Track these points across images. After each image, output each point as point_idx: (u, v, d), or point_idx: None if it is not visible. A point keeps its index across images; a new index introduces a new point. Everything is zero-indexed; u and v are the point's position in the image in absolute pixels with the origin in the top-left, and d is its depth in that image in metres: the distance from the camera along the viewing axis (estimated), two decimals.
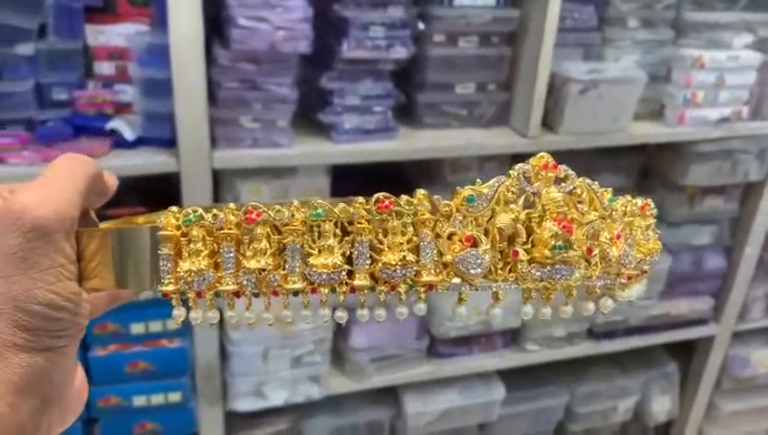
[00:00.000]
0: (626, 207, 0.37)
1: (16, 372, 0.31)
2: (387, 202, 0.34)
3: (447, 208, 0.34)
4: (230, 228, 0.34)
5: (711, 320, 1.71)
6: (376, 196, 0.34)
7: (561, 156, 1.30)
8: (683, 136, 1.40)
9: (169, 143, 1.13)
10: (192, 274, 0.34)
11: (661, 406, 1.81)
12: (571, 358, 1.61)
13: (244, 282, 0.34)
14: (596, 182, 0.36)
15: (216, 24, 1.12)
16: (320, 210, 0.33)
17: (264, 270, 0.33)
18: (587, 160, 1.43)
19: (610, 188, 0.37)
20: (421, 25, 1.20)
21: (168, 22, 1.02)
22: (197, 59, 1.05)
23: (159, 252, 0.34)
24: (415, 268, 0.34)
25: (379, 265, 0.34)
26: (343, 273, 0.34)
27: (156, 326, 1.23)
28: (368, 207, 0.34)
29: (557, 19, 1.18)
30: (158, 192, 1.19)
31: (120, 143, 1.13)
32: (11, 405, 0.31)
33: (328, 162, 1.21)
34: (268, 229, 0.34)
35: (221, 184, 1.19)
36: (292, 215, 0.34)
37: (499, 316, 0.36)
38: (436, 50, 1.22)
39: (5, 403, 0.31)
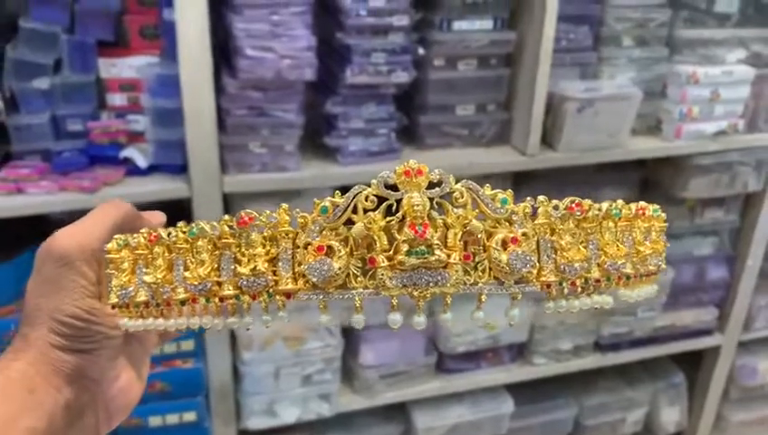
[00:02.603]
0: (527, 208, 0.36)
1: (56, 365, 0.40)
2: (246, 218, 0.36)
3: (303, 220, 0.35)
4: (142, 249, 0.39)
5: (716, 330, 1.73)
6: (239, 213, 0.36)
7: (561, 172, 1.35)
8: (680, 150, 1.43)
9: (181, 170, 1.17)
10: (119, 288, 0.39)
11: (670, 417, 1.82)
12: (578, 371, 1.63)
13: (148, 294, 0.38)
14: (487, 186, 0.35)
15: (223, 53, 1.17)
16: (194, 229, 0.37)
17: (155, 283, 0.38)
18: (588, 176, 1.46)
19: (509, 190, 0.35)
20: (421, 50, 1.23)
21: (177, 53, 1.06)
22: (207, 88, 1.09)
23: (105, 272, 0.41)
24: (270, 278, 0.35)
25: (236, 276, 0.36)
26: (209, 284, 0.36)
27: (170, 348, 1.26)
28: (230, 223, 0.36)
29: (552, 40, 1.22)
30: (171, 217, 1.22)
31: (133, 171, 1.17)
32: (57, 388, 0.40)
33: (334, 184, 1.24)
34: (164, 248, 0.38)
35: (231, 208, 1.23)
36: (177, 235, 0.38)
37: (422, 324, 0.36)
38: (436, 73, 1.26)
39: (53, 386, 0.40)
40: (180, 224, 0.39)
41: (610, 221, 0.37)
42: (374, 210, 0.34)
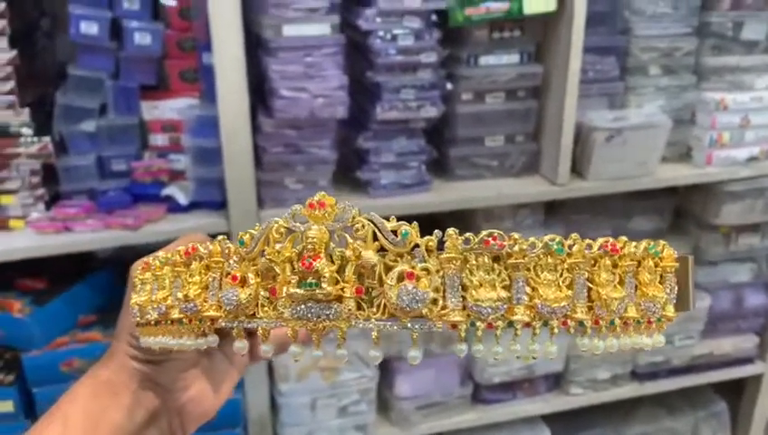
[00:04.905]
0: (431, 242, 0.33)
1: (131, 373, 0.47)
2: (190, 249, 0.39)
3: (227, 251, 0.37)
4: (142, 275, 0.43)
5: (757, 358, 1.70)
6: (186, 246, 0.39)
7: (592, 201, 1.36)
8: (712, 176, 1.42)
9: (220, 206, 1.21)
10: (135, 307, 0.43)
11: None
12: (616, 400, 1.61)
13: (138, 315, 0.42)
14: (392, 218, 0.34)
15: (259, 94, 1.21)
16: (157, 261, 0.41)
17: (140, 305, 0.42)
18: (620, 205, 1.46)
19: (415, 223, 0.33)
20: (449, 85, 1.26)
21: (216, 95, 1.11)
22: (244, 128, 1.13)
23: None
24: (199, 304, 0.37)
25: (176, 300, 0.39)
26: (164, 307, 0.39)
27: None
28: (181, 253, 0.39)
29: (578, 72, 1.24)
30: None
31: (174, 208, 1.21)
32: (134, 392, 0.47)
33: None
34: (150, 274, 0.42)
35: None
36: (156, 263, 0.41)
37: (345, 356, 0.35)
38: (464, 107, 1.29)
39: (130, 390, 0.47)
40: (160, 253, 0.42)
41: (550, 258, 0.33)
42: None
